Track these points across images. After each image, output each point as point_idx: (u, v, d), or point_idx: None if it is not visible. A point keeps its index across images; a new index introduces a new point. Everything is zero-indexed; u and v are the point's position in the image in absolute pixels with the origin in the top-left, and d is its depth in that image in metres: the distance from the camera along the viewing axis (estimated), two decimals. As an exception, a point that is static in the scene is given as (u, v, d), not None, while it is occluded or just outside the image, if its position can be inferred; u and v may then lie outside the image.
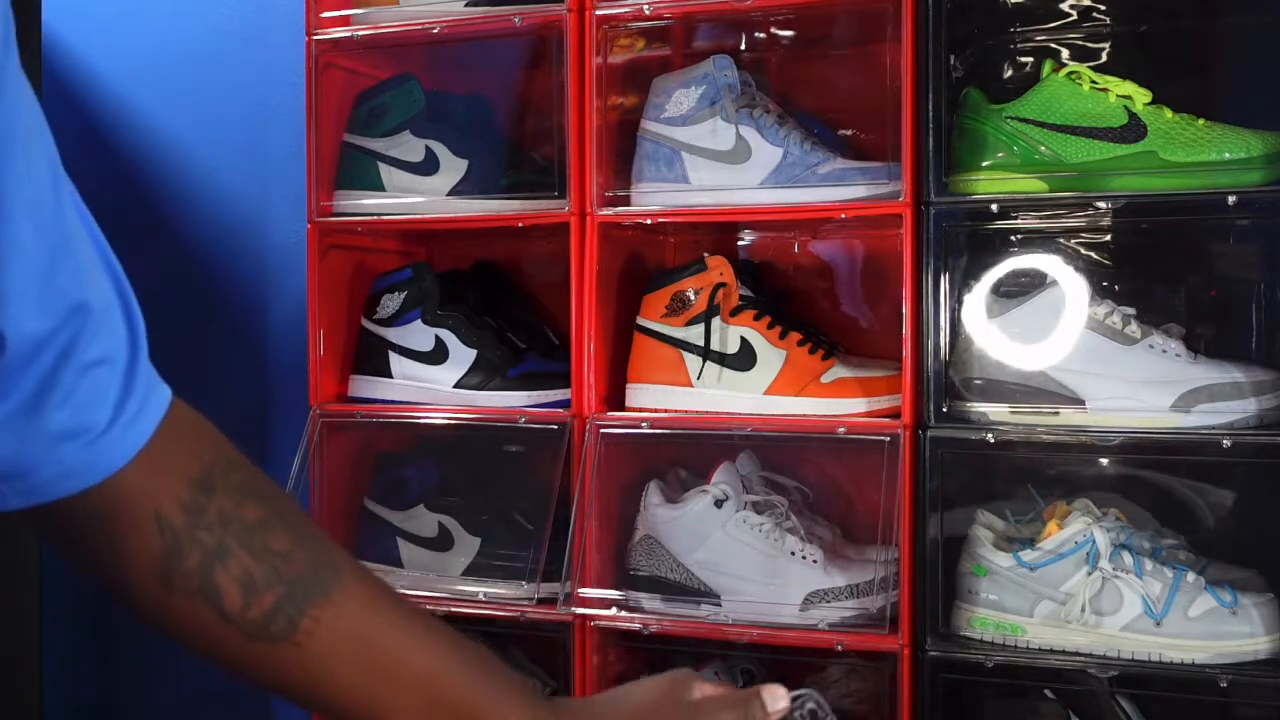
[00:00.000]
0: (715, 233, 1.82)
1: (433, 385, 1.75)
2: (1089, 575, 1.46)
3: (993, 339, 1.52)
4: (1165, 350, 1.48)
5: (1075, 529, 1.48)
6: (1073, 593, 1.46)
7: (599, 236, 1.63)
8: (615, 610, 1.62)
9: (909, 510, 1.49)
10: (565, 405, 1.66)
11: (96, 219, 0.66)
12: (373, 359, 1.78)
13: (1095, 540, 1.47)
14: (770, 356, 1.61)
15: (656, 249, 1.82)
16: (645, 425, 1.63)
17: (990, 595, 1.50)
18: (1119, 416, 1.46)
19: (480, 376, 1.73)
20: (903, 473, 1.48)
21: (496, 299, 1.87)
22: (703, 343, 1.62)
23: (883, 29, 1.59)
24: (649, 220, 1.68)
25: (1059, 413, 1.48)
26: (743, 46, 1.81)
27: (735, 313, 1.63)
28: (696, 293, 1.63)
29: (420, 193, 1.75)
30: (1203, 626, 1.42)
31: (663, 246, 1.83)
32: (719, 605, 1.59)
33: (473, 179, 1.74)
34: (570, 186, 1.63)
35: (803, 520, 1.63)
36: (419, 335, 1.75)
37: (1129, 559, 1.46)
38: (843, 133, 1.76)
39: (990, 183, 1.51)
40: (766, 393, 1.60)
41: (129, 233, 2.14)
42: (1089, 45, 1.66)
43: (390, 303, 1.77)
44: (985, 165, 1.51)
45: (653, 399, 1.63)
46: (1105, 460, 1.61)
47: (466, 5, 1.71)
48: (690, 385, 1.62)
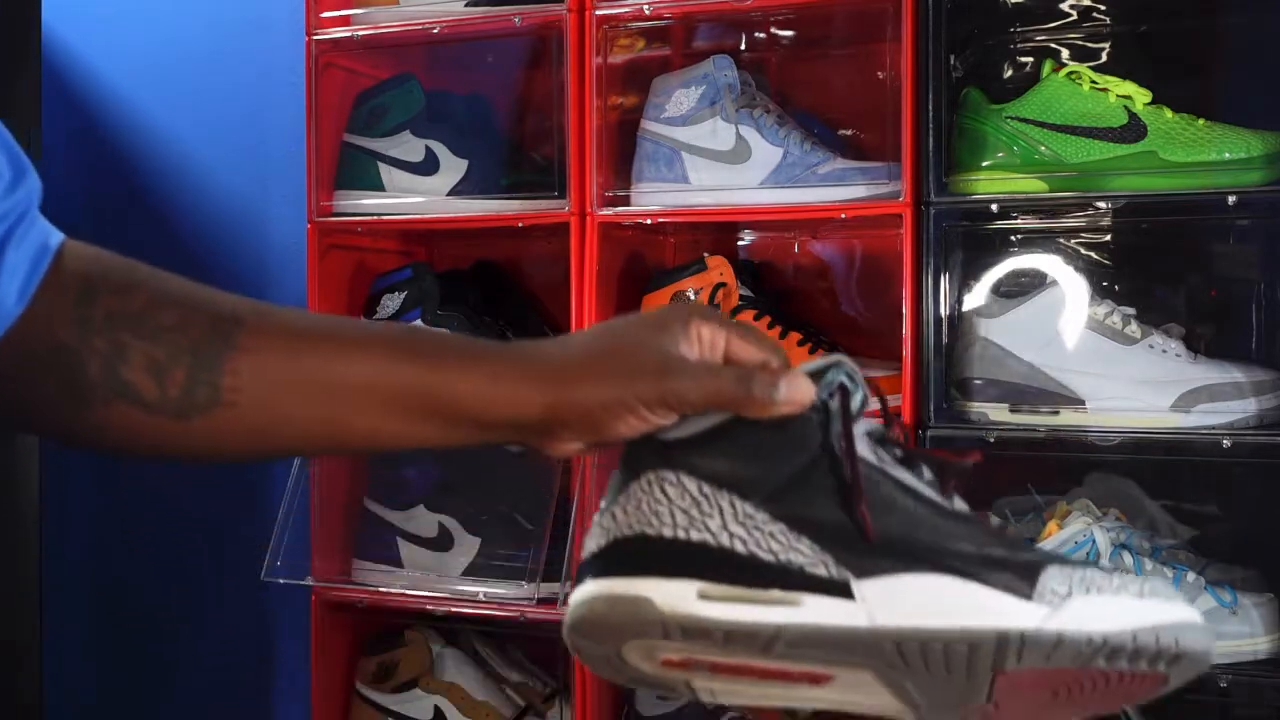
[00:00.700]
0: (715, 233, 1.82)
1: (433, 385, 1.74)
2: (1089, 575, 1.46)
3: (992, 339, 1.52)
4: (1165, 350, 1.48)
5: (1075, 529, 1.48)
6: (1073, 593, 1.46)
7: (599, 237, 1.63)
8: (615, 610, 1.62)
9: (909, 510, 1.48)
10: (565, 405, 1.66)
11: (97, 218, 0.67)
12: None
13: (1095, 540, 1.47)
14: (770, 357, 1.60)
15: (656, 249, 1.82)
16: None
17: (990, 595, 1.50)
18: (1119, 416, 1.46)
19: (480, 376, 1.73)
20: (903, 473, 1.48)
21: (496, 299, 1.87)
22: (703, 343, 1.61)
23: (883, 29, 1.59)
24: (649, 220, 1.68)
25: (1059, 412, 1.48)
26: (743, 46, 1.81)
27: (735, 313, 1.63)
28: (696, 293, 1.63)
29: (420, 193, 1.75)
30: (1203, 626, 1.42)
31: (663, 246, 1.84)
32: (719, 605, 1.58)
33: (473, 179, 1.74)
34: (570, 186, 1.63)
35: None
36: (419, 335, 1.75)
37: (1129, 559, 1.46)
38: (843, 133, 1.76)
39: (990, 183, 1.51)
40: (766, 393, 1.59)
41: (129, 232, 2.14)
42: (1089, 45, 1.66)
43: (390, 303, 1.77)
44: (985, 165, 1.51)
45: (653, 399, 1.63)
46: (1105, 461, 1.61)
47: (466, 5, 1.71)
48: (690, 385, 1.62)
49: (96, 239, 0.68)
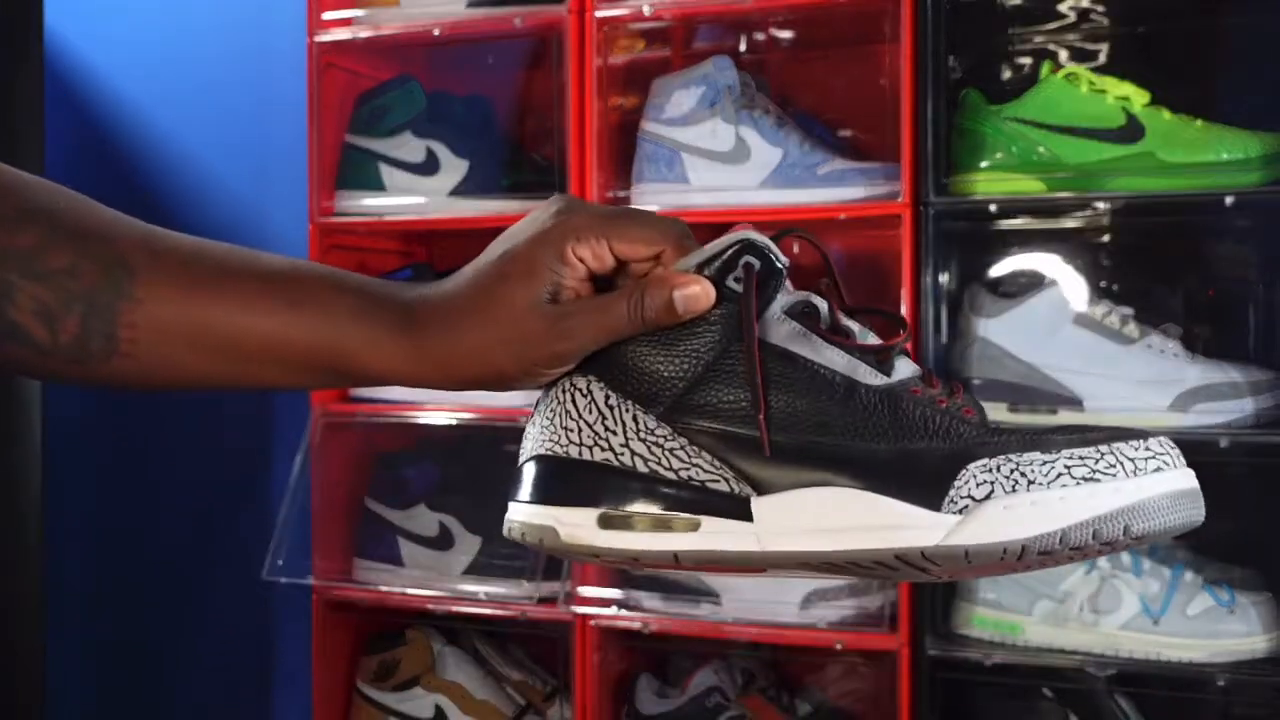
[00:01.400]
0: (714, 233, 1.81)
1: (433, 385, 1.75)
2: (1087, 574, 1.47)
3: (991, 339, 1.52)
4: (1163, 350, 1.48)
5: (1073, 528, 1.48)
6: (1071, 591, 1.47)
7: (599, 237, 1.63)
8: (615, 609, 1.63)
9: (908, 509, 1.49)
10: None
11: None
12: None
13: (1093, 539, 1.47)
14: (770, 356, 1.61)
15: (656, 249, 1.82)
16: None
17: (989, 594, 1.51)
18: (1117, 416, 1.46)
19: (481, 376, 1.74)
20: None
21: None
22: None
23: (882, 30, 1.59)
24: (649, 220, 1.68)
25: (1057, 412, 1.48)
26: (742, 47, 1.81)
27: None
28: (696, 293, 1.63)
29: (421, 193, 1.75)
30: (1200, 625, 1.42)
31: (663, 247, 1.83)
32: (719, 604, 1.59)
33: (473, 179, 1.75)
34: (570, 187, 1.64)
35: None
36: (420, 335, 1.75)
37: (1127, 558, 1.47)
38: (842, 133, 1.76)
39: (989, 183, 1.51)
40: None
41: (130, 233, 2.14)
42: (1087, 46, 1.67)
43: (391, 303, 1.77)
44: (984, 166, 1.52)
45: (653, 399, 1.64)
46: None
47: (467, 6, 1.71)
48: (690, 385, 1.62)
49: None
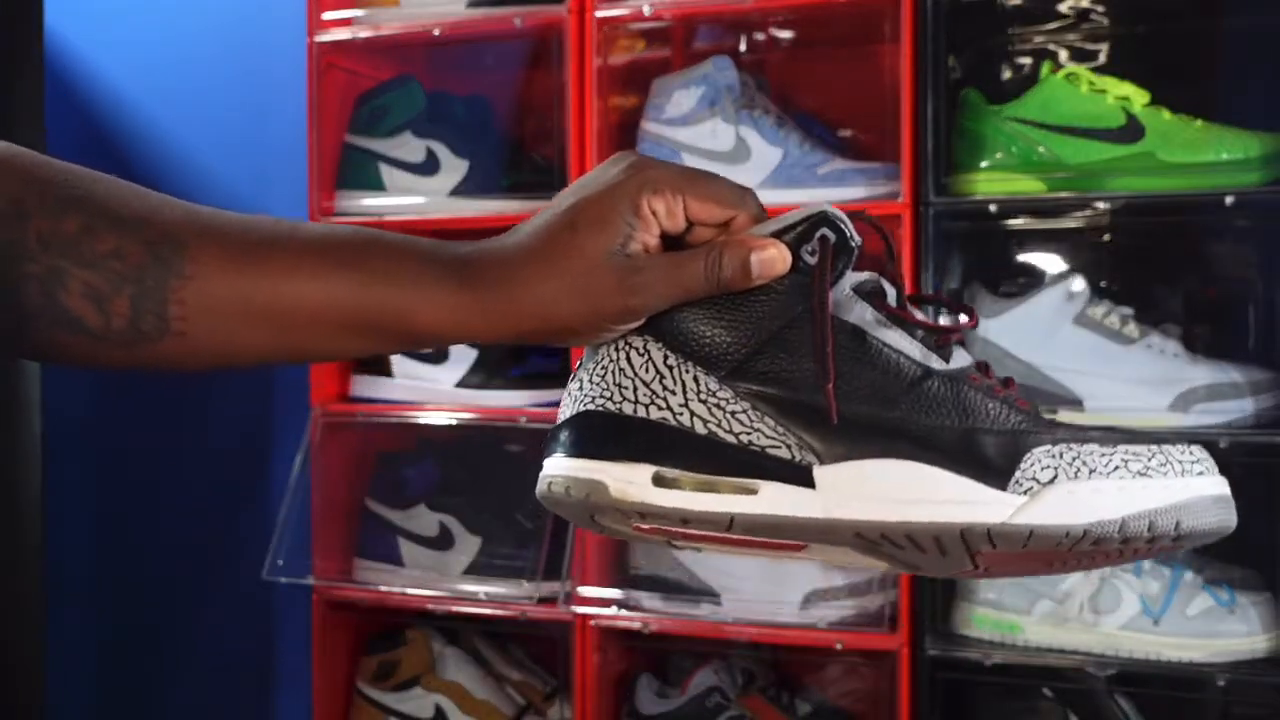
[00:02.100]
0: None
1: (434, 385, 1.75)
2: (1087, 574, 1.47)
3: (991, 339, 1.52)
4: (1163, 350, 1.48)
5: (1073, 528, 1.48)
6: (1071, 591, 1.47)
7: (599, 237, 1.63)
8: (615, 609, 1.63)
9: (908, 509, 1.49)
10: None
11: None
12: (374, 358, 1.79)
13: (1093, 539, 1.47)
14: (770, 356, 1.61)
15: (656, 249, 1.82)
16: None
17: (989, 594, 1.51)
18: (1117, 416, 1.46)
19: (481, 376, 1.74)
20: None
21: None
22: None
23: (882, 30, 1.59)
24: (649, 221, 1.68)
25: (1057, 412, 1.48)
26: (743, 47, 1.81)
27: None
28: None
29: (421, 193, 1.75)
30: (1200, 625, 1.42)
31: (663, 247, 1.84)
32: (719, 604, 1.59)
33: (473, 179, 1.75)
34: (570, 187, 1.64)
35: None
36: (420, 335, 1.76)
37: (1127, 558, 1.47)
38: (842, 133, 1.76)
39: (989, 183, 1.51)
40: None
41: (130, 233, 2.14)
42: (1087, 46, 1.67)
43: (391, 303, 1.77)
44: (984, 166, 1.52)
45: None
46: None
47: (467, 6, 1.71)
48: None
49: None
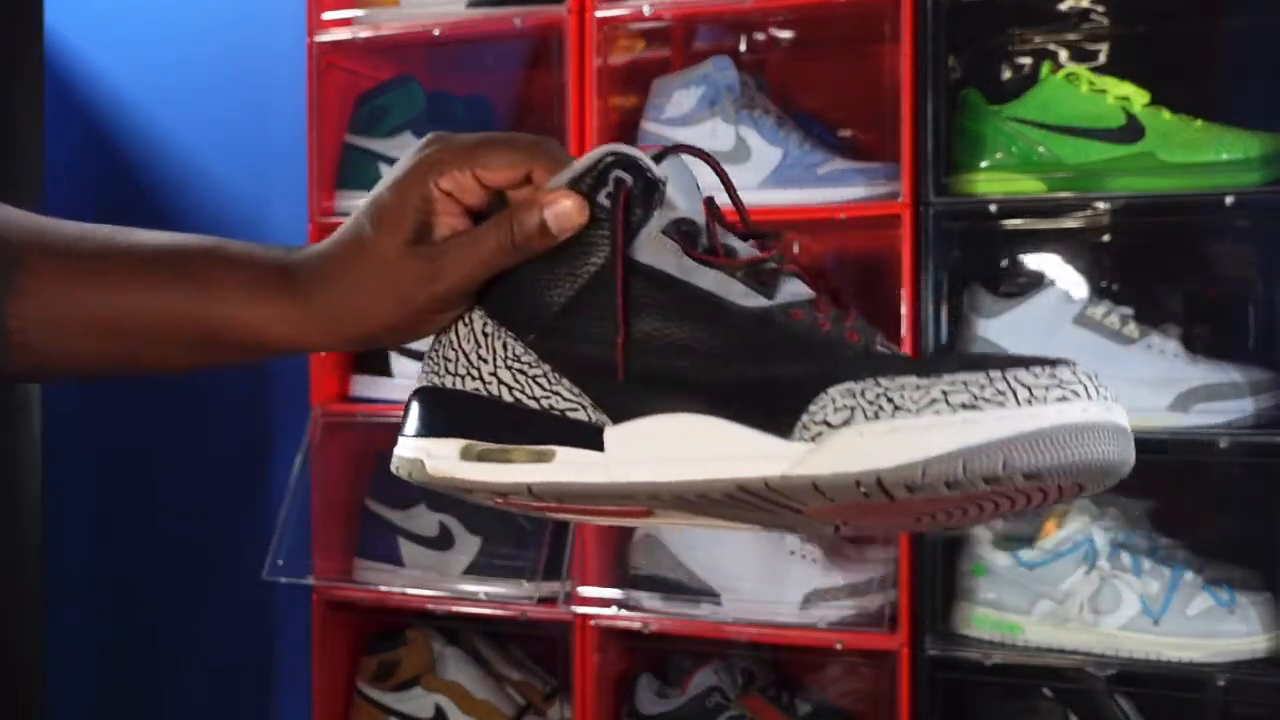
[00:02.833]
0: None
1: (433, 385, 1.75)
2: (1087, 574, 1.47)
3: (991, 339, 1.52)
4: (1163, 350, 1.48)
5: (1074, 528, 1.48)
6: (1071, 592, 1.47)
7: (599, 237, 1.63)
8: (615, 609, 1.63)
9: (908, 509, 1.49)
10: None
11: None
12: (373, 358, 1.79)
13: (1094, 539, 1.47)
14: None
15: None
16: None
17: (989, 594, 1.51)
18: (1117, 416, 1.46)
19: (481, 376, 1.74)
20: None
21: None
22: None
23: (882, 30, 1.59)
24: (649, 221, 1.68)
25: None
26: (743, 47, 1.81)
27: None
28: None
29: (421, 193, 1.75)
30: (1200, 625, 1.42)
31: (663, 247, 1.84)
32: (719, 604, 1.59)
33: (473, 179, 1.75)
34: (570, 187, 1.64)
35: (802, 519, 1.63)
36: (419, 334, 1.76)
37: (1127, 558, 1.47)
38: (842, 133, 1.76)
39: (989, 183, 1.51)
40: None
41: (130, 233, 2.14)
42: (1087, 46, 1.67)
43: (391, 303, 1.77)
44: (984, 166, 1.52)
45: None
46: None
47: (467, 6, 1.71)
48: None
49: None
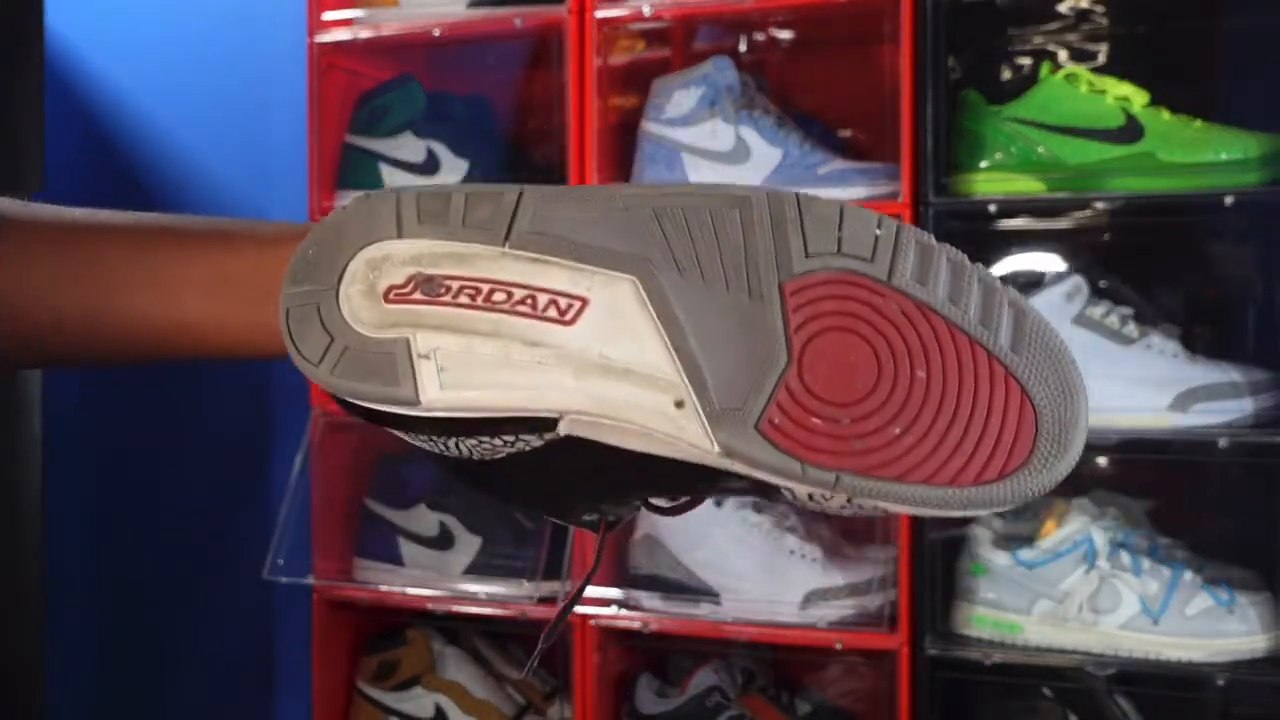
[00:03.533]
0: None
1: (434, 385, 1.75)
2: (1087, 574, 1.47)
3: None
4: (1162, 350, 1.48)
5: (1073, 528, 1.48)
6: (1071, 591, 1.47)
7: (599, 237, 1.63)
8: (615, 609, 1.63)
9: (908, 509, 1.49)
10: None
11: None
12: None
13: (1093, 539, 1.47)
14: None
15: (656, 249, 1.82)
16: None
17: (989, 594, 1.51)
18: (1116, 416, 1.46)
19: (481, 376, 1.74)
20: (901, 472, 1.48)
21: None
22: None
23: (882, 30, 1.59)
24: (649, 221, 1.68)
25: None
26: (742, 47, 1.81)
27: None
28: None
29: (421, 193, 1.75)
30: (1200, 625, 1.43)
31: (663, 247, 1.84)
32: (719, 604, 1.59)
33: (474, 179, 1.75)
34: (571, 187, 1.64)
35: (802, 519, 1.63)
36: (420, 335, 1.76)
37: (1127, 558, 1.47)
38: (842, 133, 1.76)
39: (988, 183, 1.51)
40: (766, 392, 1.60)
41: (131, 233, 2.14)
42: (1087, 46, 1.67)
43: (391, 303, 1.77)
44: (984, 166, 1.52)
45: (653, 399, 1.64)
46: (1103, 460, 1.61)
47: (468, 7, 1.72)
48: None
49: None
